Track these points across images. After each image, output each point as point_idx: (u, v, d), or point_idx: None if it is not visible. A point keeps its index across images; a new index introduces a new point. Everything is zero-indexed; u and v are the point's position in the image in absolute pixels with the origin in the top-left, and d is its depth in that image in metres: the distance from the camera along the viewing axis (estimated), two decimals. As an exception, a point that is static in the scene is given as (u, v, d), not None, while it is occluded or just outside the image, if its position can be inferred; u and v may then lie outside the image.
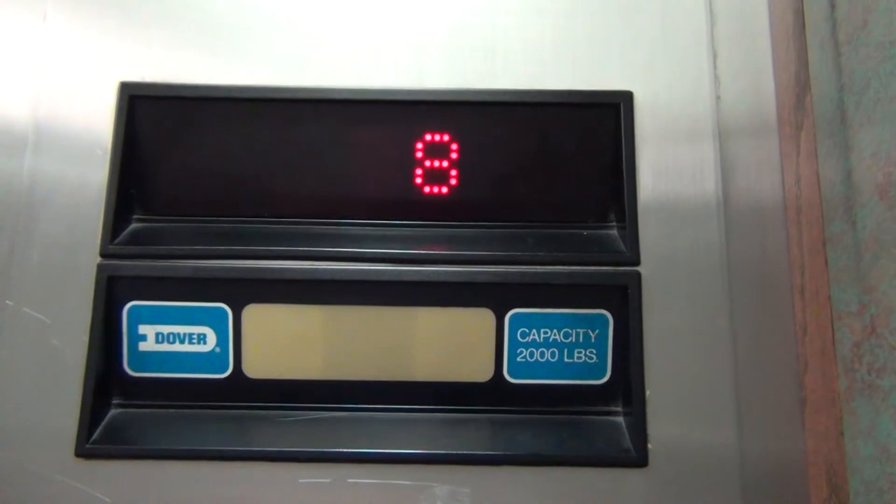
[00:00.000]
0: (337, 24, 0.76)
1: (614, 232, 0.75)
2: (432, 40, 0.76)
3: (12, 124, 0.73)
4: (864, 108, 0.61)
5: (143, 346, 0.73)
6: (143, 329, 0.73)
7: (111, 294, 0.72)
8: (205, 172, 0.75)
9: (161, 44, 0.75)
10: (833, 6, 0.67)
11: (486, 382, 0.73)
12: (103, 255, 0.71)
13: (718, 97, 0.75)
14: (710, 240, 0.72)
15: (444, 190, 0.76)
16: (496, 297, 0.73)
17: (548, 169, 0.76)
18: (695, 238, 0.72)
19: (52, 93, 0.74)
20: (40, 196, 0.72)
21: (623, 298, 0.72)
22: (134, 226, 0.75)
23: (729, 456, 0.69)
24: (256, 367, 0.73)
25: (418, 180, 0.75)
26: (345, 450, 0.69)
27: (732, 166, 0.73)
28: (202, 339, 0.73)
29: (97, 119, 0.74)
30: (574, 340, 0.73)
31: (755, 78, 0.75)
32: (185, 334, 0.73)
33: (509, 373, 0.73)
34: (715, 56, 0.75)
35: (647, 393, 0.69)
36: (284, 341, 0.73)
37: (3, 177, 0.72)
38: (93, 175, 0.73)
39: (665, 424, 0.69)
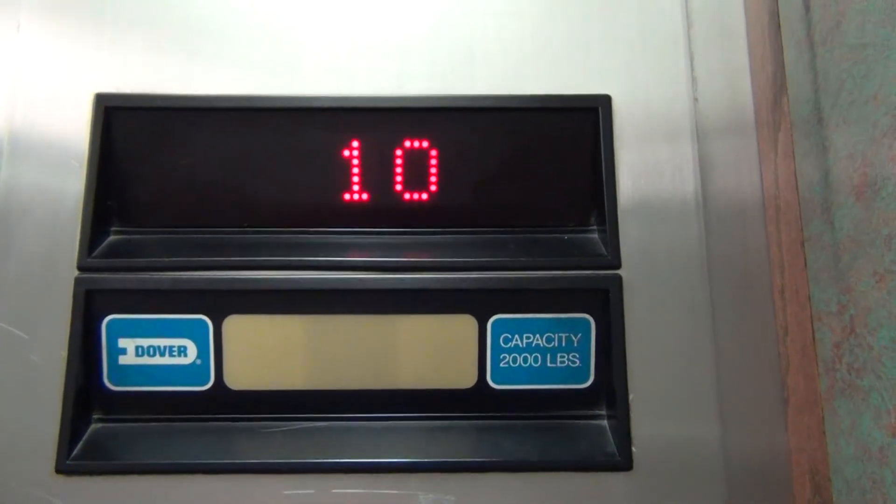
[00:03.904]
0: (315, 32, 0.75)
1: (595, 235, 0.75)
2: (410, 46, 0.76)
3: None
4: (840, 109, 0.62)
5: (122, 360, 0.72)
6: (122, 342, 0.72)
7: (89, 308, 0.71)
8: (183, 183, 0.75)
9: (136, 54, 0.74)
10: (807, 7, 0.67)
11: (469, 389, 0.73)
12: (81, 268, 0.71)
13: (696, 98, 0.75)
14: (690, 241, 0.72)
15: (425, 196, 0.75)
16: (478, 303, 0.73)
17: (527, 173, 0.76)
18: (675, 240, 0.72)
19: (27, 104, 0.73)
20: (16, 209, 0.71)
21: (605, 302, 0.72)
22: (112, 238, 0.74)
23: (713, 457, 0.69)
24: (238, 378, 0.73)
25: (398, 187, 0.75)
26: (328, 460, 0.68)
27: (711, 167, 0.74)
28: (183, 351, 0.72)
29: (73, 130, 0.73)
30: (557, 345, 0.73)
31: (732, 79, 0.75)
32: (165, 347, 0.72)
33: (492, 379, 0.73)
34: (692, 58, 0.75)
35: (631, 396, 0.69)
36: (266, 352, 0.72)
37: (-24, 187, 0.71)
38: (69, 187, 0.72)
39: (649, 427, 0.69)
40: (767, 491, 0.68)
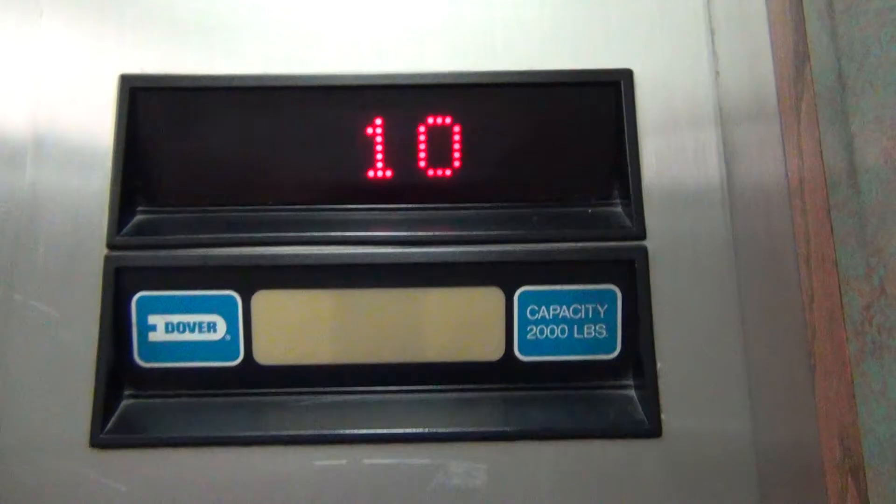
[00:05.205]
0: (336, 10, 0.76)
1: (618, 209, 0.76)
2: (431, 24, 0.76)
3: (13, 120, 0.73)
4: (866, 74, 0.62)
5: (152, 337, 0.73)
6: (152, 319, 0.73)
7: (119, 285, 0.71)
8: (208, 161, 0.75)
9: (159, 37, 0.75)
10: (829, -24, 0.68)
11: (497, 361, 0.73)
12: (110, 246, 0.71)
13: (718, 73, 0.75)
14: (714, 212, 0.72)
15: (448, 172, 0.76)
16: (505, 275, 0.73)
17: (550, 148, 0.76)
18: (699, 211, 0.73)
19: (53, 87, 0.74)
20: (44, 190, 0.72)
21: (630, 273, 0.72)
22: (139, 217, 0.75)
23: (741, 425, 0.69)
24: (267, 353, 0.73)
25: (422, 164, 0.76)
26: (359, 431, 0.69)
27: (733, 140, 0.74)
28: (212, 327, 0.73)
29: (99, 112, 0.73)
30: (583, 316, 0.73)
31: (754, 52, 0.76)
32: (194, 323, 0.73)
33: (520, 350, 0.73)
34: (713, 32, 0.76)
35: (659, 365, 0.70)
36: (294, 327, 0.73)
37: (5, 171, 0.72)
38: (96, 168, 0.72)
39: (677, 395, 0.70)
40: (796, 457, 0.68)
